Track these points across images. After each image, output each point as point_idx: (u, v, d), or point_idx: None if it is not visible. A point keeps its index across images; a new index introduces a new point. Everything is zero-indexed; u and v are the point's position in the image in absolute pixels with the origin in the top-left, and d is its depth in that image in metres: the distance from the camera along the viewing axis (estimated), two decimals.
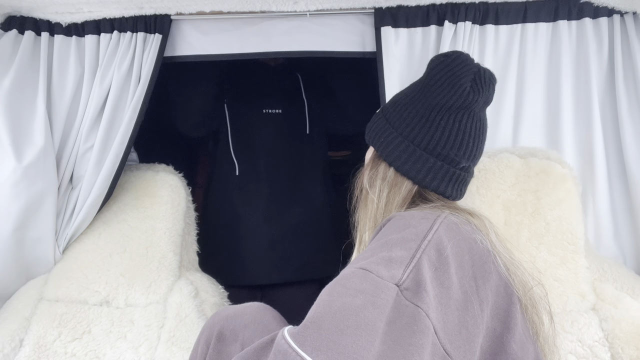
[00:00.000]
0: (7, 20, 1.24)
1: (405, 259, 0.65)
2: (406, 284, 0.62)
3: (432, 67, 0.92)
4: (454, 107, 0.86)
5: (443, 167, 0.87)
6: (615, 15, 1.22)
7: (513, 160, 1.22)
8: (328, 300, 0.60)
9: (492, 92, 0.91)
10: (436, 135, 0.86)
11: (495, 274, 0.72)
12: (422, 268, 0.64)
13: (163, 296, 1.24)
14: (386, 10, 1.24)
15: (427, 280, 0.63)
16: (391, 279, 0.62)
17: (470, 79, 0.86)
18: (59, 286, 1.24)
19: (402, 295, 0.61)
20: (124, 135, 1.26)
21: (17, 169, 1.18)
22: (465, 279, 0.68)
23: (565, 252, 1.15)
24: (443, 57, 0.92)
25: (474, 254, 0.72)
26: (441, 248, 0.68)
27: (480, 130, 0.89)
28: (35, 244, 1.26)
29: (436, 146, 0.86)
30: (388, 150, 0.90)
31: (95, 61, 1.28)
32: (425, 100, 0.89)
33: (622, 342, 1.04)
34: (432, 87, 0.89)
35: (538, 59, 1.26)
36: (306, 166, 1.83)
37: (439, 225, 0.72)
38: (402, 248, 0.67)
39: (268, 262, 1.73)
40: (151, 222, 1.32)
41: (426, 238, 0.69)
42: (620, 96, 1.21)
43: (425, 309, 0.60)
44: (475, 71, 0.88)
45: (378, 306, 0.58)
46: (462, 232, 0.74)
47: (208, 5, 1.23)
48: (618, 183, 1.27)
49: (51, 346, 1.12)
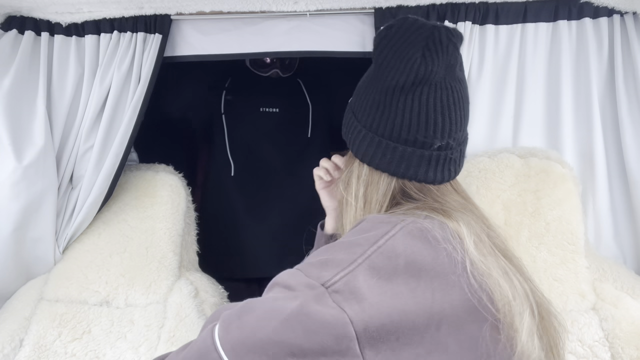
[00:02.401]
0: (7, 20, 1.24)
1: (341, 264, 0.63)
2: (335, 287, 0.61)
3: (377, 43, 0.79)
4: (406, 85, 0.74)
5: (415, 153, 0.76)
6: (615, 15, 1.22)
7: (513, 160, 1.22)
8: (258, 296, 0.66)
9: (455, 53, 0.76)
10: (397, 121, 0.75)
11: (458, 288, 0.65)
12: (358, 276, 0.62)
13: (163, 296, 1.24)
14: (386, 10, 1.24)
15: (362, 287, 0.61)
16: (318, 279, 0.62)
17: (422, 46, 0.73)
18: (59, 286, 1.23)
19: (330, 297, 0.60)
20: (124, 135, 1.26)
21: (17, 169, 1.18)
22: (419, 289, 0.63)
23: (565, 252, 1.15)
24: (386, 29, 0.79)
25: (436, 265, 0.65)
26: (391, 256, 0.64)
27: (449, 101, 0.76)
28: (35, 244, 1.26)
29: (400, 132, 0.76)
30: (356, 146, 0.81)
31: (95, 61, 1.28)
32: (377, 84, 0.78)
33: (622, 341, 1.04)
34: (381, 68, 0.77)
35: (538, 59, 1.26)
36: (306, 167, 1.83)
37: (398, 231, 0.67)
38: (346, 252, 0.65)
39: (267, 255, 1.75)
40: (151, 222, 1.32)
41: (376, 244, 0.65)
42: (620, 96, 1.21)
43: (350, 315, 0.58)
44: (427, 35, 0.74)
45: (293, 298, 0.61)
46: (428, 240, 0.67)
47: (208, 5, 1.23)
48: (618, 183, 1.27)
49: (51, 346, 1.12)
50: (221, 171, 1.82)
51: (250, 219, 1.78)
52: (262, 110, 1.81)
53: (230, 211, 1.80)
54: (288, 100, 1.85)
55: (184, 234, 1.38)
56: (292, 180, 1.81)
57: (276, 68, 1.83)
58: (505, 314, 0.66)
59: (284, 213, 1.79)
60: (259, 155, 1.82)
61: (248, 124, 1.82)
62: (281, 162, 1.83)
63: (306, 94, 1.89)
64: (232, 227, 1.79)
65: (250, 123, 1.81)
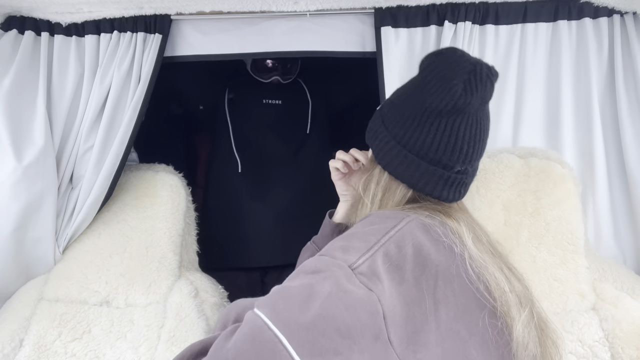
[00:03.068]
0: (7, 20, 1.24)
1: (361, 249, 0.69)
2: (360, 269, 0.66)
3: (424, 67, 0.87)
4: (444, 110, 0.80)
5: (437, 172, 0.83)
6: (615, 15, 1.22)
7: (513, 160, 1.22)
8: (286, 281, 0.70)
9: (491, 89, 0.83)
10: (427, 140, 0.81)
11: (459, 277, 0.71)
12: (377, 260, 0.67)
13: (163, 296, 1.24)
14: (386, 10, 1.24)
15: (381, 271, 0.66)
16: (345, 261, 0.67)
17: (464, 79, 0.79)
18: (59, 286, 1.23)
19: (356, 277, 0.65)
20: (124, 135, 1.26)
21: (17, 169, 1.18)
22: (424, 277, 0.69)
23: (565, 252, 1.15)
24: (434, 55, 0.86)
25: (439, 256, 0.71)
26: (401, 245, 0.70)
27: (476, 132, 0.83)
28: (35, 244, 1.26)
29: (428, 151, 0.82)
30: (382, 154, 0.87)
31: (95, 61, 1.28)
32: (417, 103, 0.83)
33: (622, 341, 1.04)
34: (424, 89, 0.83)
35: (538, 59, 1.26)
36: (308, 162, 1.85)
37: (405, 225, 0.73)
38: (361, 241, 0.71)
39: (271, 245, 1.77)
40: (151, 222, 1.32)
41: (387, 234, 0.71)
42: (620, 96, 1.21)
43: (378, 294, 0.63)
44: (470, 70, 0.79)
45: (327, 277, 0.65)
46: (431, 234, 0.74)
47: (208, 5, 1.23)
48: (618, 183, 1.27)
49: (51, 346, 1.12)
50: (227, 167, 1.84)
51: (252, 206, 1.81)
52: (265, 102, 1.85)
53: (236, 202, 1.82)
54: (290, 94, 1.89)
55: (183, 233, 1.38)
56: (294, 171, 1.85)
57: (277, 75, 1.85)
58: (502, 303, 0.72)
59: (287, 203, 1.82)
60: (263, 148, 1.85)
61: (252, 117, 1.85)
62: (285, 153, 1.86)
63: (306, 90, 1.92)
64: (236, 213, 1.82)
65: (254, 116, 1.85)
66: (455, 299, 0.70)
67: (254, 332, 0.60)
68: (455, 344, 0.67)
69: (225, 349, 0.61)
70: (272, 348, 0.58)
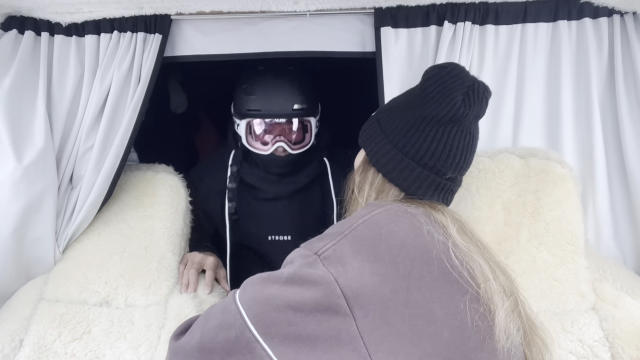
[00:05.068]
0: (7, 20, 1.24)
1: (333, 235, 0.77)
2: (325, 254, 0.74)
3: (427, 77, 0.93)
4: (444, 119, 0.87)
5: (429, 177, 0.89)
6: (615, 15, 1.22)
7: (513, 160, 1.22)
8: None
9: (485, 106, 0.92)
10: (424, 146, 0.88)
11: (439, 261, 0.74)
12: (345, 243, 0.75)
13: (164, 297, 1.24)
14: (386, 10, 1.24)
15: (347, 253, 0.73)
16: (312, 249, 0.76)
17: (463, 92, 0.87)
18: (59, 286, 1.23)
19: (321, 262, 0.73)
20: (124, 135, 1.26)
21: (17, 169, 1.18)
22: (400, 257, 0.73)
23: (565, 252, 1.15)
24: (438, 68, 0.93)
25: (418, 239, 0.76)
26: (375, 227, 0.76)
27: (468, 143, 0.91)
28: (36, 244, 1.26)
29: (423, 156, 0.88)
30: (378, 157, 0.92)
31: (95, 61, 1.28)
32: (417, 111, 0.90)
33: (623, 341, 1.04)
34: (425, 98, 0.90)
35: (538, 59, 1.26)
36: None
37: (381, 211, 0.79)
38: (336, 227, 0.79)
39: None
40: (150, 222, 1.32)
41: (362, 218, 0.77)
42: (620, 96, 1.21)
43: (335, 275, 0.71)
44: (469, 85, 0.88)
45: (291, 266, 0.76)
46: (411, 220, 0.78)
47: (208, 5, 1.23)
48: (618, 183, 1.27)
49: (51, 346, 1.12)
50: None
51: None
52: (272, 239, 1.54)
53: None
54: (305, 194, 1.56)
55: (183, 234, 1.38)
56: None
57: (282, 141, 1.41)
58: (486, 290, 0.76)
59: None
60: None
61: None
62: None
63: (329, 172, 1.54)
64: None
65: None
66: (432, 281, 0.73)
67: (224, 307, 0.76)
68: (427, 322, 0.70)
69: (200, 318, 0.79)
70: (234, 318, 0.72)
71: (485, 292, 0.75)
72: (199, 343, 0.74)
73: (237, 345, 0.70)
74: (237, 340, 0.70)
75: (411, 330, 0.69)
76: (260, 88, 1.39)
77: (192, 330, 0.78)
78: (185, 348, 0.76)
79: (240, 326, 0.71)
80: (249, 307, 0.72)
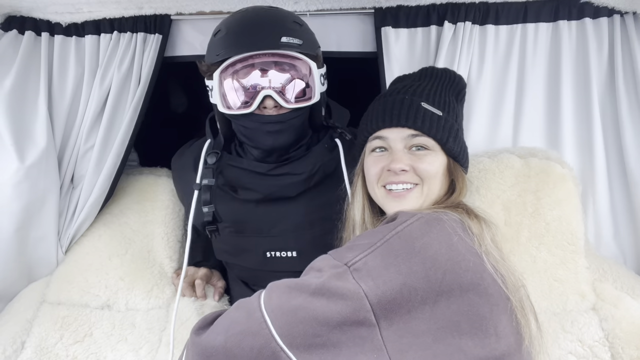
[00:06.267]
0: (7, 20, 1.24)
1: (364, 247, 0.76)
2: (356, 266, 0.73)
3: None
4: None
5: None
6: (615, 15, 1.22)
7: (513, 160, 1.22)
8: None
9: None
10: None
11: (469, 273, 0.73)
12: (377, 255, 0.74)
13: (166, 301, 1.24)
14: (386, 10, 1.24)
15: (379, 266, 0.72)
16: (342, 259, 0.75)
17: None
18: (60, 289, 1.24)
19: (351, 274, 0.72)
20: (125, 135, 1.26)
21: (19, 170, 1.18)
22: (432, 270, 0.72)
23: (565, 252, 1.15)
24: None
25: (452, 250, 0.75)
26: (409, 239, 0.75)
27: None
28: (38, 244, 1.26)
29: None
30: (467, 157, 1.03)
31: (95, 61, 1.28)
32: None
33: (623, 341, 1.04)
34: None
35: (538, 59, 1.26)
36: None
37: (413, 221, 0.77)
38: (367, 238, 0.78)
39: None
40: (151, 227, 1.33)
41: (395, 230, 0.76)
42: (620, 96, 1.21)
43: (366, 289, 0.70)
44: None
45: (320, 276, 0.74)
46: (443, 228, 0.77)
47: (208, 5, 1.23)
48: (618, 183, 1.27)
49: (53, 349, 1.13)
50: None
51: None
52: (271, 256, 1.20)
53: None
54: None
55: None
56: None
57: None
58: (517, 299, 0.76)
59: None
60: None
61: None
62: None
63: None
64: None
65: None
66: (461, 293, 0.72)
67: (249, 311, 0.75)
68: (452, 335, 0.70)
69: (224, 318, 0.78)
70: (259, 326, 0.72)
71: (516, 302, 0.76)
72: (224, 347, 0.73)
73: (262, 354, 0.70)
74: (262, 349, 0.71)
75: (436, 342, 0.70)
76: (236, 25, 1.04)
77: (215, 330, 0.78)
78: (209, 347, 0.75)
79: (265, 336, 0.71)
80: (275, 317, 0.72)
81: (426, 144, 0.93)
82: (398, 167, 0.90)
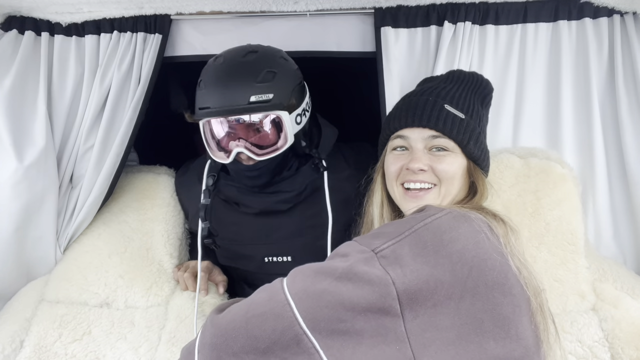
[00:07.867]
0: (7, 20, 1.24)
1: (391, 234, 0.75)
2: (383, 253, 0.73)
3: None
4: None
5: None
6: (615, 15, 1.22)
7: (513, 160, 1.22)
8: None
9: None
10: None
11: (494, 272, 0.73)
12: (405, 245, 0.73)
13: (165, 299, 1.24)
14: (386, 10, 1.24)
15: (406, 255, 0.72)
16: (368, 246, 0.75)
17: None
18: (59, 288, 1.24)
19: (378, 261, 0.72)
20: (124, 135, 1.26)
21: (18, 169, 1.18)
22: (459, 265, 0.72)
23: (565, 252, 1.15)
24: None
25: (479, 247, 0.74)
26: (438, 232, 0.74)
27: None
28: (37, 244, 1.26)
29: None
30: (488, 161, 1.03)
31: (95, 61, 1.28)
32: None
33: (622, 342, 1.04)
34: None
35: (538, 59, 1.26)
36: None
37: (442, 215, 0.77)
38: (395, 227, 0.77)
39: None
40: (150, 225, 1.32)
41: (423, 221, 0.76)
42: (620, 96, 1.21)
43: (393, 276, 0.69)
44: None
45: (346, 260, 0.74)
46: (470, 225, 0.77)
47: (208, 5, 1.23)
48: (618, 183, 1.27)
49: (51, 347, 1.12)
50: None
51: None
52: (269, 260, 1.32)
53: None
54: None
55: (183, 237, 1.38)
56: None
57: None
58: (539, 302, 0.77)
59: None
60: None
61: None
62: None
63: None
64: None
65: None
66: (486, 291, 0.72)
67: (272, 294, 0.74)
68: (475, 332, 0.70)
69: (246, 301, 0.77)
70: (282, 309, 0.71)
71: (538, 305, 0.77)
72: (245, 328, 0.72)
73: (284, 336, 0.69)
74: (284, 331, 0.69)
75: (459, 338, 0.69)
76: (212, 79, 1.11)
77: (235, 311, 0.76)
78: (229, 327, 0.73)
79: (289, 318, 0.70)
80: (299, 300, 0.71)
81: (446, 146, 0.94)
82: (417, 166, 0.93)
